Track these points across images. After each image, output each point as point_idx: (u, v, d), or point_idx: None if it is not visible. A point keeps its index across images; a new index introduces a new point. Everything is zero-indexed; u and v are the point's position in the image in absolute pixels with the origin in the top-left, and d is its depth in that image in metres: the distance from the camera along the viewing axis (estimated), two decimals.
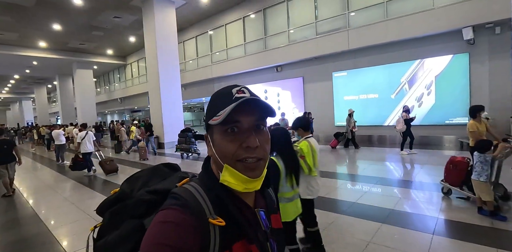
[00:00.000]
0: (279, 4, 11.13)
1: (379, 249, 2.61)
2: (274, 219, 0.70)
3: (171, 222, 0.50)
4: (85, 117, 19.45)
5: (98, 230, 0.68)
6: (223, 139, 0.57)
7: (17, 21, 12.52)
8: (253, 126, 0.58)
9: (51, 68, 20.58)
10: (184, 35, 15.64)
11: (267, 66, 11.97)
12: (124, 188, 0.72)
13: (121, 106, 24.33)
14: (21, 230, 3.67)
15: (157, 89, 11.40)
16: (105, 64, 20.96)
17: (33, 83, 27.71)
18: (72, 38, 15.69)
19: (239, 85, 0.61)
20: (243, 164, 0.57)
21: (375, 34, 8.69)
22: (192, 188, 0.58)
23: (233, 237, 0.56)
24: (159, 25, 11.10)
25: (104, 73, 24.80)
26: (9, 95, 34.70)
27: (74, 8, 11.60)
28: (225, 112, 0.54)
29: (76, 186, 6.10)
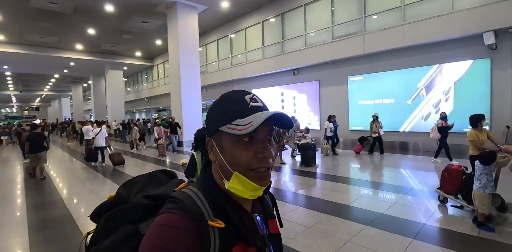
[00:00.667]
0: (297, 8, 11.30)
1: (356, 248, 2.77)
2: (271, 224, 0.70)
3: (171, 226, 0.50)
4: (114, 115, 20.84)
5: (91, 238, 0.66)
6: (237, 148, 0.57)
7: (57, 26, 13.77)
8: (266, 136, 0.59)
9: (86, 69, 22.22)
10: (207, 38, 16.26)
11: (284, 69, 12.17)
12: (121, 192, 0.71)
13: (148, 105, 25.62)
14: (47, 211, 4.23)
15: (178, 91, 12.01)
16: (134, 66, 22.26)
17: (71, 82, 29.98)
18: (104, 41, 16.91)
19: (250, 92, 0.61)
20: (256, 173, 0.57)
21: (392, 39, 8.60)
22: (191, 191, 0.58)
23: (232, 240, 0.56)
24: (181, 30, 11.70)
25: (133, 73, 26.27)
26: (50, 93, 37.73)
27: (106, 15, 12.56)
28: (252, 124, 0.54)
29: (96, 176, 6.75)
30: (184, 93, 11.91)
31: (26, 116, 42.86)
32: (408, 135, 8.98)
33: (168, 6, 11.89)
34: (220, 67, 15.70)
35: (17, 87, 31.47)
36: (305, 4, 11.01)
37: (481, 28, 7.07)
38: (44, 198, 5.06)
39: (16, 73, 24.17)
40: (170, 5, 11.73)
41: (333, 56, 10.21)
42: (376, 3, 9.12)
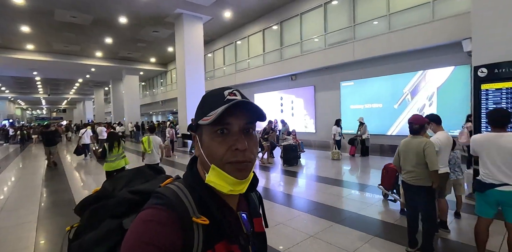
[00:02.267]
0: (294, 17, 11.91)
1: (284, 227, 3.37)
2: (256, 222, 0.70)
3: (154, 221, 0.50)
4: (131, 117, 22.25)
5: (74, 231, 0.66)
6: (213, 140, 0.57)
7: (78, 36, 15.20)
8: (242, 128, 0.58)
9: (106, 74, 23.89)
10: (214, 45, 17.20)
11: (283, 75, 12.77)
12: (106, 187, 0.71)
13: (162, 108, 26.98)
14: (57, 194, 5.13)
15: (183, 95, 12.93)
16: (149, 71, 23.65)
17: (93, 86, 32.10)
18: (121, 49, 18.29)
19: (231, 88, 0.61)
20: (232, 165, 0.56)
21: (379, 46, 9.00)
22: (176, 187, 0.58)
23: (216, 237, 0.56)
24: (187, 39, 12.64)
25: (150, 78, 27.79)
26: (75, 96, 40.37)
27: (120, 25, 13.77)
28: (216, 112, 0.54)
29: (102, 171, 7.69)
30: (190, 97, 12.80)
31: (53, 118, 46.01)
32: (396, 138, 9.27)
33: (176, 17, 12.90)
34: (226, 72, 16.56)
35: (45, 91, 34.05)
36: (301, 13, 11.61)
37: (460, 36, 7.36)
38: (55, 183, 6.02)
39: (44, 78, 26.35)
40: (177, 16, 12.72)
41: (326, 62, 10.71)
42: (365, 12, 9.57)
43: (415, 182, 2.63)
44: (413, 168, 2.63)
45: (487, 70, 4.05)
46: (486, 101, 4.09)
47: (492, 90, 4.03)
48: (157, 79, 26.51)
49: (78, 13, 11.98)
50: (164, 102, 25.78)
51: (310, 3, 11.22)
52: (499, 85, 3.95)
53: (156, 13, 12.48)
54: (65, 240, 0.65)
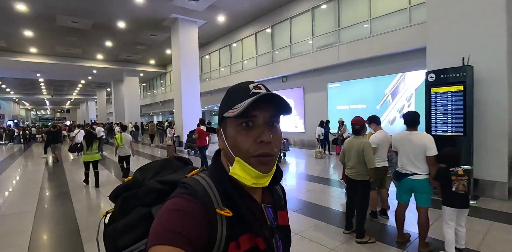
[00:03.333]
0: (284, 21, 12.38)
1: None
2: (280, 216, 0.70)
3: (181, 210, 0.51)
4: (131, 117, 22.86)
5: (110, 216, 0.70)
6: (238, 133, 0.58)
7: (80, 40, 15.81)
8: (267, 121, 0.58)
9: (107, 76, 24.54)
10: (210, 47, 17.72)
11: (274, 76, 13.24)
12: (137, 176, 0.74)
13: (162, 108, 27.58)
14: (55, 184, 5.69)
15: (179, 97, 13.46)
16: (149, 72, 24.24)
17: (96, 87, 32.81)
18: (121, 52, 18.88)
19: (256, 82, 0.63)
20: (256, 159, 0.57)
21: (362, 49, 9.44)
22: (202, 179, 0.60)
23: (240, 230, 0.57)
24: (182, 42, 13.17)
25: (150, 79, 28.41)
26: (78, 97, 41.18)
27: (119, 29, 14.34)
28: (243, 105, 0.54)
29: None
30: (185, 98, 13.33)
31: (57, 118, 46.94)
32: None
33: (172, 21, 13.43)
34: (222, 74, 17.08)
35: (49, 92, 34.84)
36: (290, 17, 12.08)
37: None
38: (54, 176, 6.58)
39: (48, 80, 27.06)
40: (173, 20, 13.25)
41: (314, 65, 11.16)
42: (348, 17, 10.01)
43: (355, 176, 3.10)
44: (354, 164, 3.09)
45: (435, 75, 4.50)
46: (435, 103, 4.55)
47: (440, 93, 4.48)
48: (157, 80, 27.12)
49: (78, 19, 12.56)
50: (163, 103, 26.37)
51: (299, 8, 11.68)
52: (445, 89, 4.41)
53: (153, 18, 13.01)
54: (101, 225, 0.70)
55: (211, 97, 19.41)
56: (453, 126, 4.36)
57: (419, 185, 2.72)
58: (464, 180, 2.55)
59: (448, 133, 4.42)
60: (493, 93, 4.24)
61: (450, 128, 4.40)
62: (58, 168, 8.53)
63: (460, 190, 2.55)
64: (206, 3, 11.55)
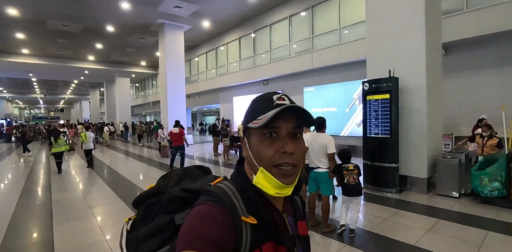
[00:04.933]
0: (265, 27, 13.04)
1: None
2: (300, 226, 0.71)
3: (209, 217, 0.53)
4: (122, 118, 23.36)
5: (132, 222, 0.72)
6: (261, 143, 0.59)
7: (71, 42, 16.32)
8: (290, 132, 0.59)
9: (99, 76, 25.01)
10: (198, 51, 18.33)
11: (256, 80, 13.88)
12: (160, 184, 0.76)
13: (153, 109, 28.08)
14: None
15: (165, 99, 14.04)
16: (141, 73, 24.76)
17: (89, 87, 33.22)
18: (112, 53, 19.41)
19: (280, 93, 0.63)
20: (279, 169, 0.58)
21: (332, 56, 10.11)
22: (226, 187, 0.61)
23: (263, 237, 0.58)
24: (169, 46, 13.76)
25: (142, 80, 28.91)
26: (72, 96, 41.49)
27: (109, 33, 14.89)
28: (267, 116, 0.56)
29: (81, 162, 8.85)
30: (170, 101, 13.90)
31: (50, 117, 47.11)
32: (348, 139, 10.38)
33: (159, 26, 14.01)
34: (208, 76, 17.68)
35: (42, 91, 35.15)
36: (270, 24, 12.73)
37: None
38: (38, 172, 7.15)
39: (41, 80, 27.46)
40: (160, 25, 13.84)
41: (291, 69, 11.82)
42: (321, 26, 10.69)
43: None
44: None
45: (368, 84, 5.16)
46: (370, 109, 5.20)
47: (373, 100, 5.14)
48: (149, 81, 27.63)
49: (68, 23, 13.10)
50: (154, 103, 26.87)
51: (277, 15, 12.34)
52: (376, 97, 5.06)
53: (141, 23, 13.58)
54: (124, 231, 0.71)
55: (199, 98, 20.00)
56: (382, 129, 5.01)
57: (320, 177, 3.35)
58: (354, 173, 3.19)
59: (379, 135, 5.08)
60: (415, 101, 4.90)
61: (380, 130, 5.05)
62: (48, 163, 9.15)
63: (350, 182, 3.19)
64: (190, 9, 12.17)
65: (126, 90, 24.27)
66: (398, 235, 3.26)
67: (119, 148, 14.70)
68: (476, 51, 7.59)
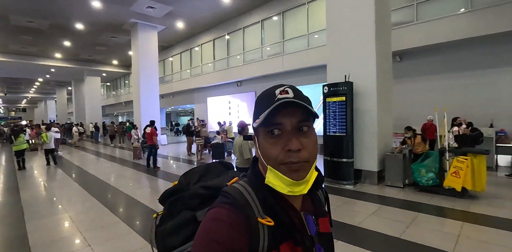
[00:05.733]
0: (238, 30, 13.42)
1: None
2: (322, 222, 0.68)
3: (222, 220, 0.53)
4: (92, 118, 22.61)
5: (160, 218, 0.75)
6: (266, 142, 0.58)
7: (36, 39, 15.62)
8: (295, 127, 0.57)
9: (67, 75, 23.98)
10: (172, 51, 18.31)
11: (230, 81, 14.21)
12: (181, 181, 0.78)
13: (126, 109, 27.39)
14: None
15: (138, 99, 13.93)
16: (112, 72, 24.09)
17: (56, 85, 31.60)
18: (81, 51, 18.78)
19: (285, 85, 0.60)
20: (286, 166, 0.56)
21: (301, 60, 10.71)
22: (242, 187, 0.60)
23: (280, 238, 0.57)
24: (142, 46, 13.70)
25: (114, 79, 28.08)
26: (36, 95, 39.16)
27: (78, 31, 14.47)
28: (263, 114, 0.54)
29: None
30: (143, 102, 13.82)
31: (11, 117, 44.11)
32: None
33: (131, 25, 13.88)
34: (183, 77, 17.72)
35: (2, 90, 32.90)
36: (243, 27, 13.14)
37: None
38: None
39: (1, 77, 25.76)
40: (132, 24, 13.72)
41: (263, 71, 12.28)
42: (291, 30, 11.27)
43: (239, 165, 4.10)
44: (238, 156, 4.09)
45: (328, 88, 5.72)
46: (329, 110, 5.76)
47: (331, 102, 5.70)
48: (121, 80, 26.92)
49: (33, 19, 12.60)
50: (127, 103, 26.24)
51: (250, 19, 12.78)
52: (334, 99, 5.63)
53: (113, 21, 13.38)
54: (153, 225, 0.75)
55: (173, 98, 19.93)
56: (339, 128, 5.59)
57: None
58: None
59: (336, 134, 5.64)
60: (367, 103, 5.52)
61: (337, 129, 5.62)
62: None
63: None
64: (163, 10, 12.24)
65: (96, 89, 23.52)
66: (345, 219, 3.77)
67: (89, 149, 14.35)
68: (426, 59, 8.50)
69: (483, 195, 4.60)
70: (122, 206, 4.78)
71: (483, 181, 4.47)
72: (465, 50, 7.77)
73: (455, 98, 7.92)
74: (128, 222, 3.90)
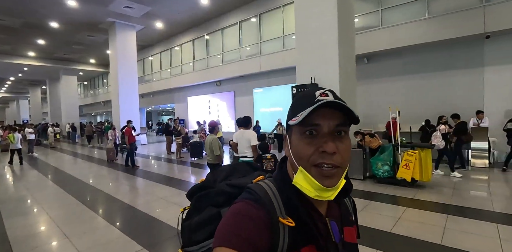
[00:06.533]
0: (217, 31, 13.67)
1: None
2: (347, 232, 0.67)
3: (245, 215, 0.53)
4: (69, 118, 22.07)
5: (186, 213, 0.76)
6: (301, 141, 0.57)
7: (9, 37, 15.13)
8: (333, 130, 0.56)
9: (41, 73, 23.26)
10: (152, 50, 18.27)
11: (210, 81, 14.44)
12: (209, 178, 0.80)
13: (104, 108, 26.87)
14: None
15: (116, 98, 13.88)
16: (89, 71, 23.58)
17: (29, 84, 30.39)
18: (57, 50, 18.32)
19: (325, 88, 0.60)
20: (319, 169, 0.55)
21: (277, 61, 11.13)
22: (266, 185, 0.60)
23: (302, 241, 0.56)
24: (120, 45, 13.65)
25: (91, 78, 27.45)
26: (7, 94, 37.43)
27: (53, 29, 14.18)
28: (303, 113, 0.54)
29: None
30: (122, 101, 13.78)
31: None
32: None
33: (109, 25, 13.79)
34: (163, 76, 17.73)
35: None
36: (222, 28, 13.41)
37: None
38: None
39: None
40: (110, 23, 13.64)
41: (242, 72, 12.62)
42: (268, 32, 11.68)
43: (210, 161, 4.44)
44: (209, 153, 4.42)
45: (296, 89, 6.15)
46: None
47: None
48: (99, 79, 26.39)
49: (5, 17, 12.26)
50: (106, 103, 25.77)
51: (229, 20, 13.07)
52: None
53: (89, 20, 13.24)
54: (180, 219, 0.77)
55: (153, 98, 19.87)
56: None
57: None
58: (271, 161, 4.04)
59: None
60: None
61: None
62: None
63: (268, 168, 4.02)
64: (141, 10, 12.29)
65: (73, 88, 22.96)
66: None
67: (66, 150, 14.14)
68: (390, 61, 9.16)
69: (429, 184, 5.20)
70: (99, 202, 4.98)
71: (429, 172, 5.05)
72: (424, 54, 8.48)
73: (415, 97, 8.63)
74: (104, 216, 4.14)
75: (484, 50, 7.58)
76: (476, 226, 3.40)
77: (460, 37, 7.51)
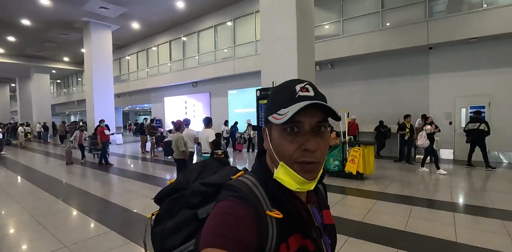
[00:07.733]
0: (193, 33, 14.06)
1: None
2: (325, 214, 0.70)
3: (231, 214, 0.52)
4: (40, 117, 21.44)
5: (155, 218, 0.73)
6: (283, 138, 0.57)
7: None
8: (314, 127, 0.56)
9: (10, 71, 22.41)
10: (129, 50, 18.28)
11: (186, 82, 14.77)
12: (180, 179, 0.75)
13: (79, 108, 26.28)
14: None
15: (91, 98, 13.86)
16: (63, 70, 23.03)
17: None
18: (27, 47, 17.86)
19: (304, 81, 0.59)
20: (300, 165, 0.56)
21: (250, 64, 11.71)
22: (249, 181, 0.60)
23: (288, 230, 0.57)
24: (95, 44, 13.67)
25: (65, 76, 26.73)
26: None
27: (24, 26, 13.92)
28: (287, 114, 0.54)
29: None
30: (97, 100, 13.79)
31: None
32: None
33: (84, 24, 13.76)
34: (139, 76, 17.81)
35: None
36: (198, 31, 13.82)
37: None
38: None
39: None
40: (85, 23, 13.62)
41: (217, 73, 13.09)
42: (242, 37, 12.24)
43: (175, 156, 4.92)
44: (175, 150, 4.90)
45: (259, 92, 6.75)
46: (261, 110, 6.79)
47: (263, 104, 6.74)
48: (73, 78, 25.78)
49: None
50: (80, 102, 25.23)
51: (204, 24, 13.50)
52: (264, 102, 6.67)
53: (62, 19, 13.17)
54: (148, 226, 0.73)
55: (130, 98, 19.82)
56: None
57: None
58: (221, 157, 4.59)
59: None
60: None
61: None
62: None
63: None
64: (117, 11, 12.43)
65: (45, 87, 22.34)
66: None
67: (37, 149, 13.92)
68: (351, 67, 10.01)
69: (372, 177, 5.97)
70: (71, 196, 5.28)
71: (371, 166, 5.81)
72: (379, 61, 9.38)
73: (371, 100, 9.52)
74: (78, 208, 4.50)
75: (428, 59, 8.58)
76: (394, 207, 4.13)
77: (408, 48, 8.45)
